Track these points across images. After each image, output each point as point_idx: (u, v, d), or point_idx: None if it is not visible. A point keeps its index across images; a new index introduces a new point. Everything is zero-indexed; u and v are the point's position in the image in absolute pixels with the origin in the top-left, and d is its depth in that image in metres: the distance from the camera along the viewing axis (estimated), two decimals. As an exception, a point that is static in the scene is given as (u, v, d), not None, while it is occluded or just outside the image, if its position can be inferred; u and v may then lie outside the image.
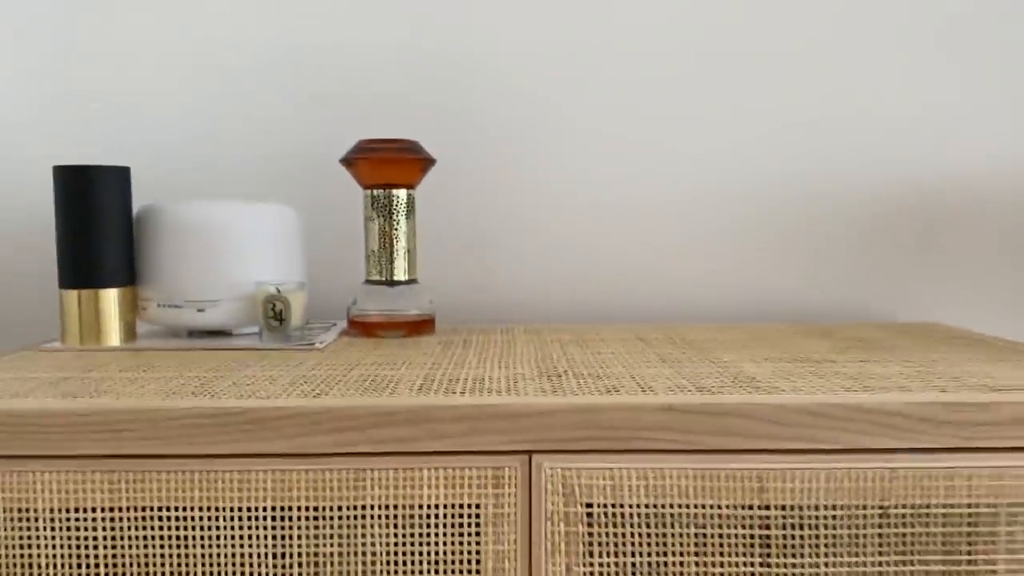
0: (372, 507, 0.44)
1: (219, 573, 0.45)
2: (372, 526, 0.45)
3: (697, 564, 0.45)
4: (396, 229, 0.71)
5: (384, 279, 0.71)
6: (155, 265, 0.66)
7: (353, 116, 0.82)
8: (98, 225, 0.64)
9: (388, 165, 0.69)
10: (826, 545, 0.45)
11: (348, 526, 0.45)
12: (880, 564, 0.45)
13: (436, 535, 0.45)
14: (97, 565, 0.45)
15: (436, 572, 0.45)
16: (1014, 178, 0.83)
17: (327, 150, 0.83)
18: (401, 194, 0.71)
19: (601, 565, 0.45)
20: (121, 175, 0.65)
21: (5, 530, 0.45)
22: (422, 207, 0.84)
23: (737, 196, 0.83)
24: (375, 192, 0.70)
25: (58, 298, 0.80)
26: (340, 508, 0.44)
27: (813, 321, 0.84)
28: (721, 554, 0.45)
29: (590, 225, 0.84)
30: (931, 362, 0.57)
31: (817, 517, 0.44)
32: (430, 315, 0.73)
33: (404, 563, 0.45)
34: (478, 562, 0.45)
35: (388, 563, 0.45)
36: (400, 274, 0.71)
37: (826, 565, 0.45)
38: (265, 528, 0.44)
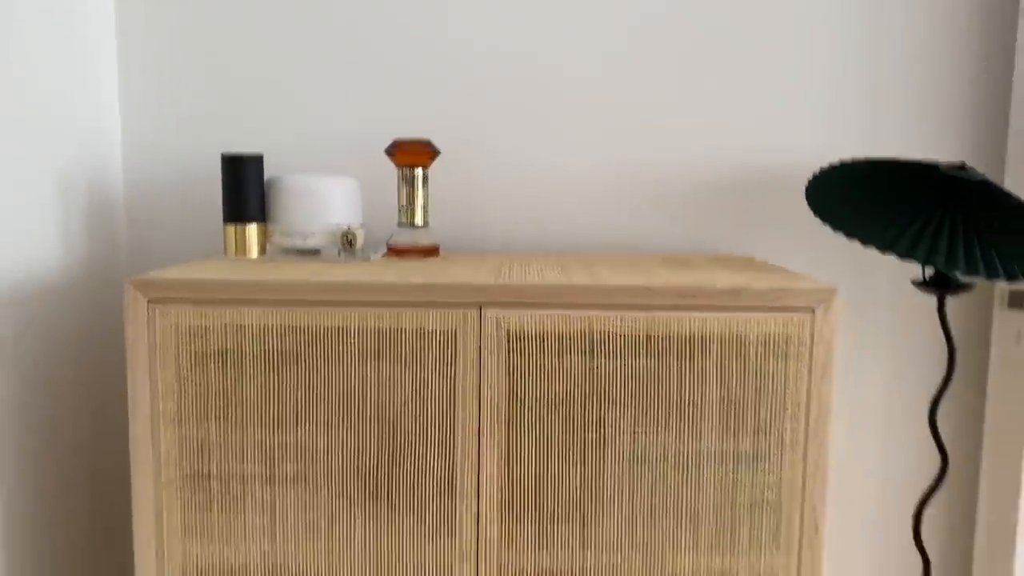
0: (401, 330, 0.93)
1: (324, 364, 0.93)
2: (398, 340, 0.93)
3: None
4: (416, 192, 1.18)
5: (409, 223, 1.19)
6: (278, 211, 1.14)
7: (382, 116, 1.30)
8: (245, 187, 1.12)
9: (412, 154, 1.16)
10: (622, 351, 0.93)
11: (388, 340, 0.93)
12: (644, 361, 0.93)
13: (429, 349, 0.93)
14: (272, 360, 0.93)
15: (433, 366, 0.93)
16: (810, 164, 1.29)
17: (377, 144, 1.30)
18: (419, 171, 1.18)
19: (519, 362, 0.93)
20: (258, 159, 1.13)
21: (220, 343, 0.93)
22: (432, 178, 1.31)
23: (640, 169, 1.30)
24: (404, 169, 1.17)
25: (222, 230, 1.29)
26: (389, 331, 0.93)
27: (677, 254, 1.31)
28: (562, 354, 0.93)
29: (542, 193, 1.31)
30: (713, 272, 1.04)
31: (620, 337, 0.93)
32: (436, 244, 1.21)
33: (409, 367, 0.93)
34: (454, 363, 0.93)
35: (399, 364, 0.93)
36: (419, 220, 1.19)
37: (623, 359, 0.93)
38: (352, 342, 0.93)
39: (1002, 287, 1.23)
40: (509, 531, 0.96)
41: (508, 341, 0.93)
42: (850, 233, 1.03)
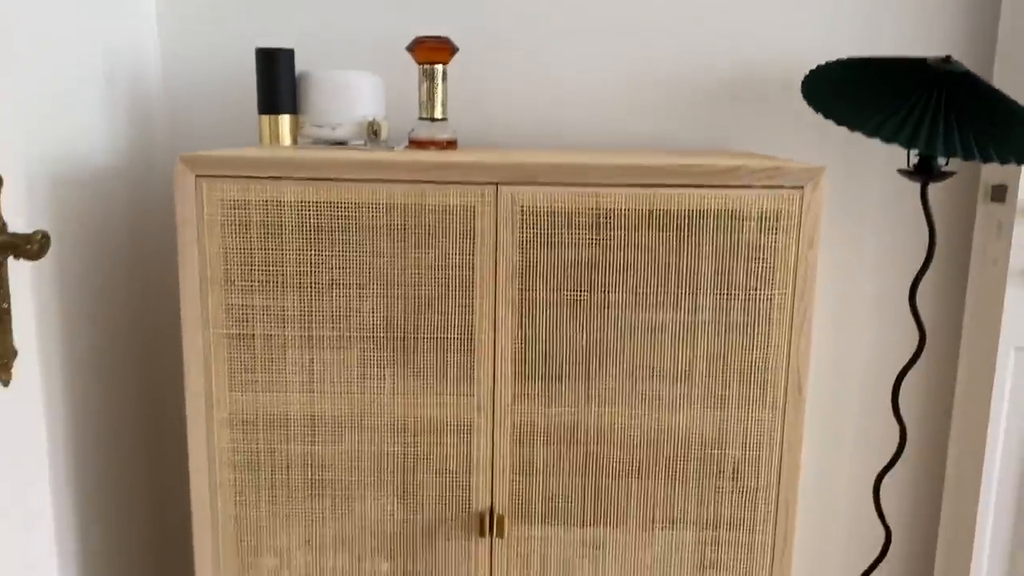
0: (424, 205, 1.02)
1: (355, 236, 1.03)
2: (421, 214, 1.02)
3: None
4: (436, 88, 1.26)
5: (429, 117, 1.27)
6: (308, 104, 1.22)
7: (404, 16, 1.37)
8: (278, 79, 1.20)
9: (432, 51, 1.24)
10: (626, 226, 1.02)
11: (413, 215, 1.02)
12: (646, 234, 1.02)
13: (450, 224, 1.02)
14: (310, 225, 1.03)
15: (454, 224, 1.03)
16: (809, 63, 1.36)
17: (398, 42, 1.38)
18: (439, 67, 1.25)
19: (532, 236, 1.03)
20: (290, 53, 1.21)
21: (261, 216, 1.03)
22: (451, 75, 1.39)
23: (650, 69, 1.37)
24: (425, 66, 1.25)
25: (256, 121, 1.37)
26: (413, 206, 1.02)
27: (682, 149, 1.39)
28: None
29: (555, 92, 1.38)
30: (714, 158, 1.12)
31: (626, 212, 1.02)
32: (454, 138, 1.29)
33: (435, 234, 1.03)
34: (473, 236, 1.03)
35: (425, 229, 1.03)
36: (438, 114, 1.27)
37: (627, 233, 1.02)
38: (378, 209, 1.02)
39: (986, 182, 1.31)
40: (521, 388, 1.06)
41: (522, 216, 1.03)
42: (840, 121, 1.10)
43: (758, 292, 1.03)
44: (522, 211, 1.02)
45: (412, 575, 1.11)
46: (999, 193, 1.28)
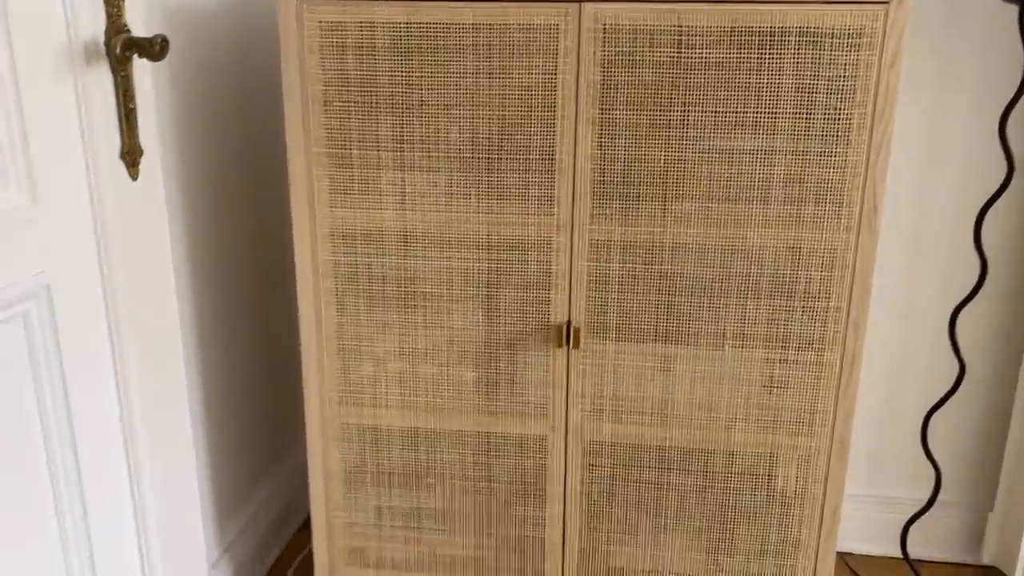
0: (509, 24, 1.06)
1: (444, 56, 1.08)
2: (509, 29, 1.06)
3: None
4: None
5: None
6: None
7: None
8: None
9: None
10: (707, 44, 1.03)
11: (498, 33, 1.06)
12: (727, 51, 1.03)
13: (535, 41, 1.06)
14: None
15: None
16: None
17: None
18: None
19: (614, 55, 1.05)
20: None
21: (356, 38, 1.09)
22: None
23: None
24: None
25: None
26: (499, 25, 1.06)
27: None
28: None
29: None
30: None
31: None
32: None
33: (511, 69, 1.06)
34: (556, 54, 1.06)
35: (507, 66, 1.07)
36: None
37: (708, 51, 1.04)
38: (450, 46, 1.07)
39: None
40: (600, 206, 1.12)
41: (604, 34, 1.05)
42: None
43: (838, 112, 1.04)
44: (604, 29, 1.05)
45: (495, 383, 1.21)
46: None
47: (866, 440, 1.55)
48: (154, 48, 0.87)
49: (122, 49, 0.86)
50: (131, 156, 0.93)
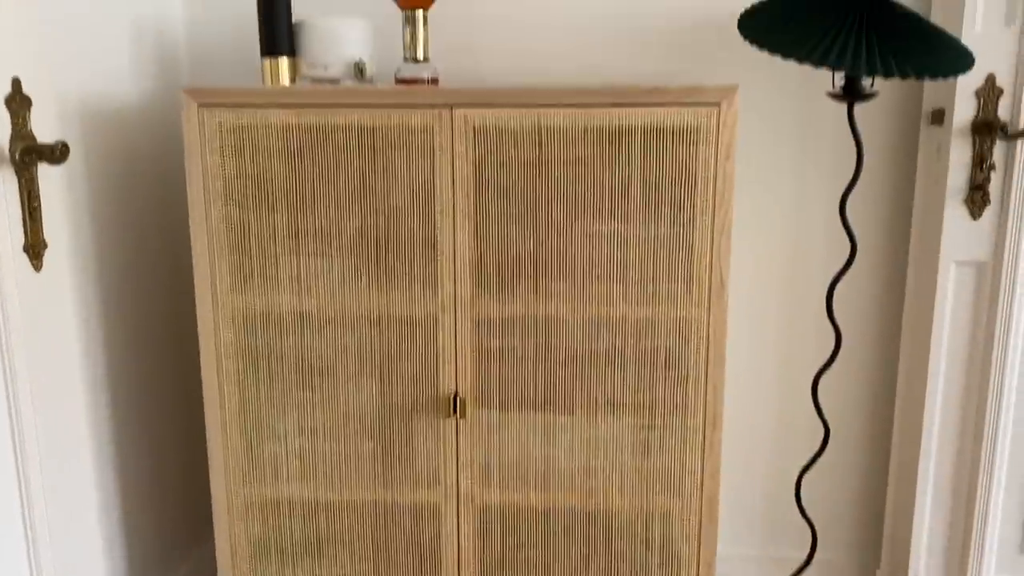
0: (390, 126, 1.18)
1: (333, 155, 1.19)
2: (388, 134, 1.18)
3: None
4: (418, 31, 1.41)
5: (412, 58, 1.42)
6: (304, 48, 1.39)
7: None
8: (278, 25, 1.37)
9: (413, -2, 1.39)
10: (564, 142, 1.16)
11: (381, 135, 1.18)
12: (583, 149, 1.16)
13: (412, 142, 1.18)
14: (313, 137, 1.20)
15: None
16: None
17: (386, -8, 1.53)
18: (420, 13, 1.40)
19: (483, 153, 1.17)
20: (287, 1, 1.38)
21: (252, 140, 1.20)
22: (433, 21, 1.54)
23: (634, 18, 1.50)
24: (407, 12, 1.40)
25: (259, 62, 1.55)
26: (381, 127, 1.18)
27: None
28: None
29: (532, 34, 1.52)
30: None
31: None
32: (436, 76, 1.44)
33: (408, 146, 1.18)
34: (432, 153, 1.18)
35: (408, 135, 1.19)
36: (420, 55, 1.42)
37: (565, 148, 1.16)
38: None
39: (927, 106, 1.41)
40: (479, 287, 1.22)
41: (474, 134, 1.18)
42: (772, 50, 1.22)
43: (682, 199, 1.17)
44: (474, 130, 1.18)
45: (389, 454, 1.29)
46: (938, 116, 1.37)
47: (753, 501, 1.63)
48: (54, 154, 0.97)
49: (22, 155, 0.96)
50: (35, 249, 1.02)
